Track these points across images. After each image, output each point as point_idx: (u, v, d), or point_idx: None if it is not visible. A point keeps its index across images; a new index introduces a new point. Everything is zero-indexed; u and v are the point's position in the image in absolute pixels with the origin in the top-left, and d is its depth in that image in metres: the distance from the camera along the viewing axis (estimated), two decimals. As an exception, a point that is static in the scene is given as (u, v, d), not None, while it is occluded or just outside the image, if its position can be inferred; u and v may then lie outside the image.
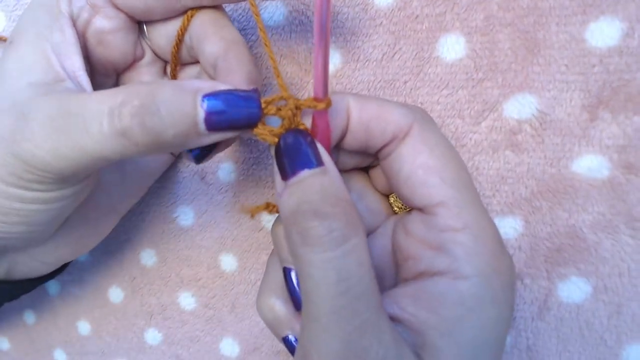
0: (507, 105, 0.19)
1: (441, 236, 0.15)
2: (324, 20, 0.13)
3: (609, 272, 0.19)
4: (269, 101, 0.15)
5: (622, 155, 0.18)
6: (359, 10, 0.20)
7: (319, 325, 0.13)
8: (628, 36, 0.17)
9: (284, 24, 0.21)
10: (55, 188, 0.16)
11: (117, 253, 0.27)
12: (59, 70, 0.16)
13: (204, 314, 0.26)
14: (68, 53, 0.17)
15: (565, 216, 0.19)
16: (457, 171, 0.15)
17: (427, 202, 0.15)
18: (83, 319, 0.29)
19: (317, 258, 0.13)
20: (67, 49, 0.17)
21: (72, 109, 0.14)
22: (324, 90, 0.14)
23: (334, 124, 0.16)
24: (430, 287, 0.15)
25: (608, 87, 0.18)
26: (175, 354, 0.27)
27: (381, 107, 0.16)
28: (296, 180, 0.14)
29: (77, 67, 0.17)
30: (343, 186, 0.14)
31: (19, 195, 0.16)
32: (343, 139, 0.16)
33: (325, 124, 0.15)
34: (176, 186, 0.25)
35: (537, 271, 0.20)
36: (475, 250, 0.14)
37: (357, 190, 0.18)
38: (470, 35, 0.19)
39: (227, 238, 0.24)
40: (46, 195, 0.16)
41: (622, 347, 0.19)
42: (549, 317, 0.20)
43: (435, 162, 0.15)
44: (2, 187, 0.15)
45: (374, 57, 0.20)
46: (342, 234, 0.13)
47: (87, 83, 0.17)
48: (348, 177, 0.18)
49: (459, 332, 0.14)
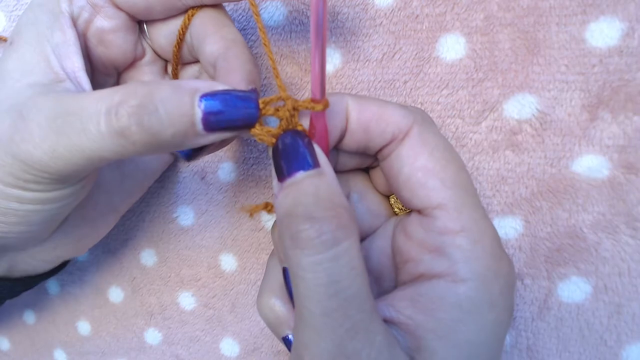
0: (507, 105, 0.19)
1: (439, 239, 0.15)
2: (320, 21, 0.13)
3: (609, 272, 0.19)
4: (267, 101, 0.15)
5: (622, 155, 0.18)
6: (359, 10, 0.20)
7: (310, 327, 0.13)
8: (628, 36, 0.17)
9: (284, 23, 0.21)
10: (53, 188, 0.16)
11: (117, 253, 0.27)
12: (58, 70, 0.16)
13: (204, 313, 0.26)
14: (68, 53, 0.17)
15: (566, 216, 0.19)
16: (456, 173, 0.15)
17: (426, 204, 0.15)
18: (83, 319, 0.29)
19: (307, 261, 0.13)
20: (67, 49, 0.17)
21: (70, 109, 0.14)
22: (321, 92, 0.14)
23: (332, 125, 0.16)
24: (427, 290, 0.15)
25: (608, 87, 0.18)
26: (175, 354, 0.27)
27: (380, 108, 0.16)
28: (291, 182, 0.14)
29: (77, 67, 0.17)
30: (338, 188, 0.14)
31: (17, 195, 0.16)
32: (342, 139, 0.16)
33: (323, 125, 0.15)
34: (176, 186, 0.25)
35: (537, 271, 0.20)
36: (474, 253, 0.14)
37: (358, 190, 0.18)
38: (470, 35, 0.19)
39: (227, 238, 0.24)
40: (44, 196, 0.16)
41: (622, 347, 0.19)
42: (549, 317, 0.20)
43: (434, 164, 0.15)
44: (0, 187, 0.15)
45: (374, 57, 0.20)
46: (332, 236, 0.13)
47: (87, 83, 0.17)
48: (348, 177, 0.18)
49: (456, 335, 0.14)
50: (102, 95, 0.14)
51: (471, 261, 0.14)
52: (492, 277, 0.14)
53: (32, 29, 0.17)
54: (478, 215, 0.15)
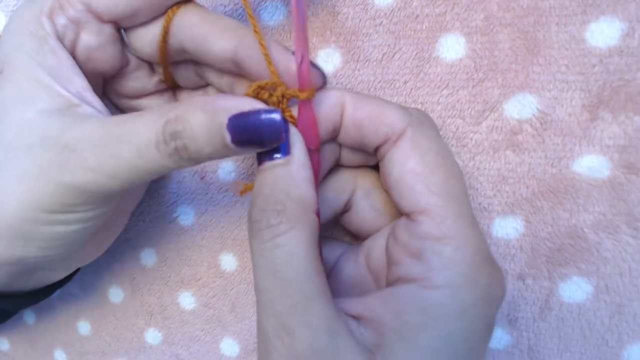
0: (507, 105, 0.19)
1: (421, 244, 0.15)
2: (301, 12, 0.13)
3: (610, 272, 0.19)
4: (261, 86, 0.15)
5: (622, 155, 0.18)
6: (359, 10, 0.20)
7: (258, 301, 0.15)
8: (628, 36, 0.17)
9: (285, 23, 0.21)
10: (99, 206, 0.17)
11: (117, 253, 0.27)
12: (65, 94, 0.16)
13: (204, 313, 0.26)
14: (68, 75, 0.16)
15: (566, 216, 0.19)
16: (445, 179, 0.15)
17: (412, 209, 0.15)
18: (83, 319, 0.29)
19: (256, 248, 0.15)
20: (64, 72, 0.16)
21: (120, 135, 0.15)
22: (306, 81, 0.15)
23: (324, 117, 0.16)
24: (400, 292, 0.15)
25: (608, 87, 0.18)
26: (175, 354, 0.27)
27: (378, 107, 0.16)
28: (260, 169, 0.15)
29: (81, 88, 0.17)
30: (300, 179, 0.15)
31: (63, 219, 0.16)
32: (338, 134, 0.17)
33: (311, 114, 0.16)
34: (176, 186, 0.25)
35: (539, 271, 0.20)
36: (452, 261, 0.14)
37: (364, 187, 0.18)
38: (470, 35, 0.19)
39: (227, 238, 0.24)
40: (88, 215, 0.17)
41: (624, 347, 0.19)
42: (550, 317, 0.20)
43: (423, 169, 0.15)
44: (46, 216, 0.16)
45: (374, 57, 0.20)
46: (277, 228, 0.14)
47: (98, 103, 0.17)
48: (357, 174, 0.19)
49: (417, 339, 0.14)
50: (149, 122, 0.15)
51: (447, 269, 0.14)
52: (467, 287, 0.14)
53: (21, 55, 0.16)
54: (463, 224, 0.15)
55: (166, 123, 0.15)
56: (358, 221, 0.19)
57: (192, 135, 0.15)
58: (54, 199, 0.15)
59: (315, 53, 0.21)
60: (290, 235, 0.14)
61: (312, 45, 0.21)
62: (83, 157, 0.15)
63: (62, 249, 0.17)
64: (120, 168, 0.15)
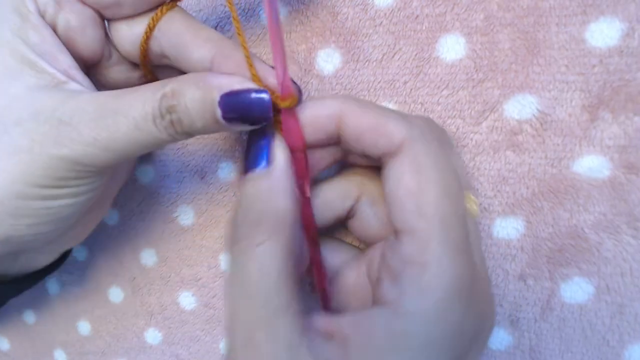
0: (507, 105, 0.19)
1: (401, 267, 0.15)
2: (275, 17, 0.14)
3: (611, 272, 0.19)
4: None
5: (623, 155, 0.18)
6: (359, 10, 0.20)
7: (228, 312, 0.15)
8: (628, 36, 0.17)
9: (284, 23, 0.21)
10: (91, 181, 0.17)
11: (117, 253, 0.27)
12: (51, 71, 0.16)
13: (204, 313, 0.26)
14: (53, 53, 0.16)
15: (567, 216, 0.19)
16: (439, 199, 0.14)
17: (400, 227, 0.15)
18: (83, 319, 0.29)
19: (231, 257, 0.15)
20: (48, 49, 0.16)
21: (116, 108, 0.15)
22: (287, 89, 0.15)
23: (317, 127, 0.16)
24: (372, 314, 0.15)
25: (608, 87, 0.18)
26: (175, 354, 0.27)
27: (378, 119, 0.16)
28: (242, 180, 0.16)
29: (67, 66, 0.17)
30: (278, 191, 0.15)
31: (54, 194, 0.16)
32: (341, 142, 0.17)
33: (294, 122, 0.16)
34: (176, 186, 0.25)
35: (540, 272, 0.20)
36: (427, 289, 0.14)
37: (370, 195, 0.18)
38: (470, 35, 0.19)
39: (227, 237, 0.24)
40: (79, 189, 0.17)
41: (625, 347, 0.19)
42: (551, 317, 0.20)
43: (416, 187, 0.15)
44: (38, 191, 0.16)
45: (374, 57, 0.20)
46: (246, 243, 0.15)
47: (85, 82, 0.17)
48: (363, 181, 0.18)
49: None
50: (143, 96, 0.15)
51: (420, 297, 0.14)
52: (437, 319, 0.14)
53: (4, 31, 0.16)
54: (448, 250, 0.14)
55: (162, 97, 0.15)
56: (362, 229, 0.18)
57: (185, 109, 0.15)
58: (47, 172, 0.15)
59: (315, 53, 0.21)
60: (263, 248, 0.15)
61: (312, 45, 0.21)
62: (79, 130, 0.15)
63: (52, 226, 0.17)
64: (116, 141, 0.15)
